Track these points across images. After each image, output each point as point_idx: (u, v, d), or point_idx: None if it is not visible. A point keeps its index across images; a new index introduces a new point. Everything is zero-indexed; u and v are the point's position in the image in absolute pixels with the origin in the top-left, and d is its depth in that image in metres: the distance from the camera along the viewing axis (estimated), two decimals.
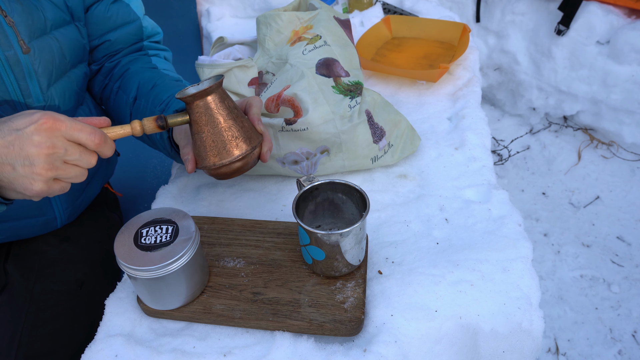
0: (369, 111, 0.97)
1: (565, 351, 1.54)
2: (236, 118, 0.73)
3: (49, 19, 0.81)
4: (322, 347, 0.72)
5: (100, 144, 0.63)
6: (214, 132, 0.71)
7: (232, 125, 0.72)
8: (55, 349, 0.87)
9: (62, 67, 0.85)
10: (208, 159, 0.72)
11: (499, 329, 0.74)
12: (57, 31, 0.83)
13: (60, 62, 0.84)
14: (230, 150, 0.71)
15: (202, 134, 0.71)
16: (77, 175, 0.63)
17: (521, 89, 2.33)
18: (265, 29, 1.07)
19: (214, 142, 0.71)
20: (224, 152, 0.71)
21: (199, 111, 0.71)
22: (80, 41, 0.89)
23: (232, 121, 0.72)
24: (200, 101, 0.70)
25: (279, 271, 0.80)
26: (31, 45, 0.78)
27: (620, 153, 2.16)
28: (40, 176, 0.59)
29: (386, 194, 0.96)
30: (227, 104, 0.72)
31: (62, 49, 0.84)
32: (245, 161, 0.74)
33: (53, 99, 0.84)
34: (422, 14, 1.59)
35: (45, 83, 0.82)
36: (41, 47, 0.80)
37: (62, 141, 0.60)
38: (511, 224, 0.87)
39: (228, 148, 0.71)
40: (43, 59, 0.80)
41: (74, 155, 0.61)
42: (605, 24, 2.02)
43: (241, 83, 0.98)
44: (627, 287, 1.70)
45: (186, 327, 0.77)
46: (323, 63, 0.97)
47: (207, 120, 0.71)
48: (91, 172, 1.00)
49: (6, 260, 0.95)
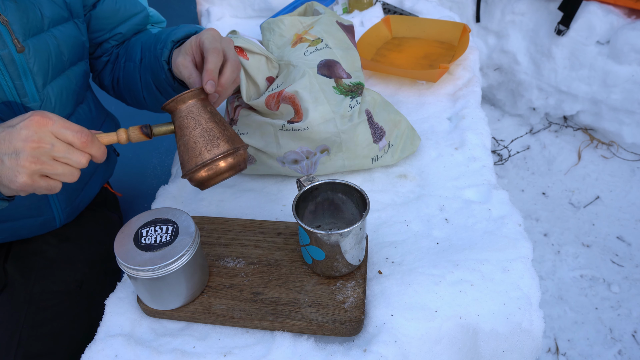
0: (369, 111, 0.97)
1: (565, 351, 1.54)
2: (218, 122, 0.73)
3: (46, 16, 0.81)
4: (322, 347, 0.72)
5: (87, 143, 0.63)
6: (195, 134, 0.71)
7: (213, 127, 0.72)
8: (54, 349, 0.87)
9: (60, 66, 0.85)
10: (190, 162, 0.72)
11: (499, 329, 0.74)
12: (55, 29, 0.83)
13: (58, 60, 0.84)
14: (211, 150, 0.71)
15: (184, 138, 0.72)
16: (65, 173, 0.63)
17: (521, 89, 2.33)
18: (269, 35, 1.08)
19: (195, 143, 0.71)
20: (205, 152, 0.71)
21: (181, 116, 0.72)
22: (80, 38, 0.88)
23: (214, 124, 0.72)
24: (183, 105, 0.72)
25: (279, 271, 0.80)
26: (26, 44, 0.78)
27: (620, 153, 2.16)
28: (25, 168, 0.60)
29: (386, 194, 0.96)
30: (208, 109, 0.73)
31: (59, 46, 0.84)
32: (227, 163, 0.72)
33: (49, 98, 0.84)
34: (422, 14, 1.59)
35: (41, 82, 0.81)
36: (37, 46, 0.80)
37: (49, 136, 0.61)
38: (511, 224, 0.87)
39: (209, 148, 0.71)
40: (39, 57, 0.80)
41: (61, 151, 0.61)
42: (605, 24, 2.02)
43: (260, 72, 0.98)
44: (627, 287, 1.70)
45: (186, 327, 0.77)
46: (324, 64, 0.97)
47: (189, 123, 0.72)
48: (89, 172, 1.00)
49: (6, 260, 0.95)
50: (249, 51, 0.95)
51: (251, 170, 1.02)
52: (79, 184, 0.97)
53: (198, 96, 0.72)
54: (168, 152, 1.50)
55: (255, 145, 0.97)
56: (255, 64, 0.96)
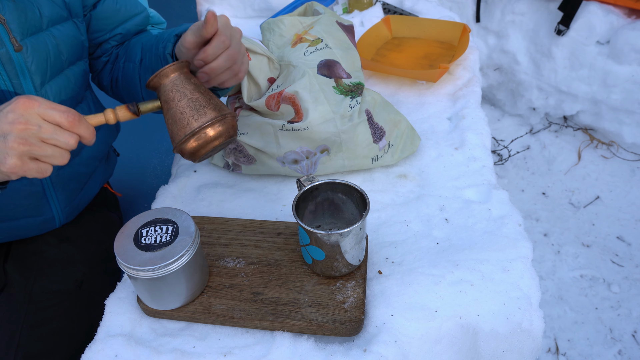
0: (369, 111, 0.97)
1: (565, 351, 1.54)
2: (203, 92, 0.73)
3: (45, 16, 0.81)
4: (322, 347, 0.72)
5: (74, 123, 0.63)
6: (181, 105, 0.71)
7: (199, 97, 0.72)
8: (54, 349, 0.87)
9: (59, 65, 0.85)
10: (178, 134, 0.71)
11: (499, 329, 0.74)
12: (54, 28, 0.83)
13: (56, 59, 0.84)
14: (199, 119, 0.71)
15: (171, 111, 0.71)
16: (55, 155, 0.63)
17: (521, 89, 2.33)
18: (269, 35, 1.08)
19: (182, 114, 0.71)
20: (192, 121, 0.70)
21: (165, 90, 0.72)
22: (79, 38, 0.88)
23: (199, 94, 0.72)
24: (167, 79, 0.71)
25: (279, 271, 0.80)
26: (24, 43, 0.78)
27: (620, 153, 2.16)
28: (13, 150, 0.60)
29: (386, 194, 0.96)
30: (192, 81, 0.73)
31: (58, 46, 0.83)
32: (216, 130, 0.71)
33: (48, 97, 0.83)
34: (422, 14, 1.59)
35: (39, 81, 0.81)
36: (35, 45, 0.79)
37: (35, 118, 0.61)
38: (511, 224, 0.87)
39: (196, 117, 0.71)
40: (37, 56, 0.80)
41: (48, 132, 0.61)
42: (605, 24, 2.02)
43: (262, 73, 0.98)
44: (627, 287, 1.70)
45: (186, 327, 0.77)
46: (324, 64, 0.97)
47: (174, 96, 0.71)
48: (89, 172, 1.00)
49: (5, 260, 0.95)
50: (252, 51, 0.95)
51: (251, 170, 1.02)
52: (78, 183, 0.97)
53: (181, 70, 0.72)
54: (168, 152, 1.50)
55: (255, 145, 0.97)
56: (258, 65, 0.96)
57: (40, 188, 0.89)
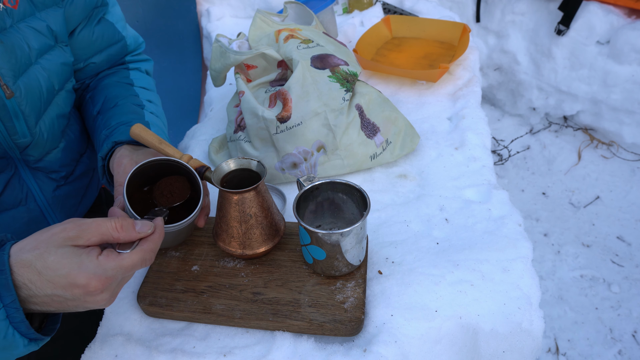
0: (359, 105, 0.98)
1: (565, 351, 1.54)
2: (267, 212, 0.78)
3: (34, 48, 0.78)
4: (322, 347, 0.72)
5: (135, 236, 0.62)
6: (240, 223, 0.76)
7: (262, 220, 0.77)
8: (54, 349, 0.87)
9: (50, 97, 0.83)
10: (232, 245, 0.78)
11: (499, 329, 0.74)
12: (42, 58, 0.81)
13: (49, 93, 0.82)
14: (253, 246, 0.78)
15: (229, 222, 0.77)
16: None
17: (521, 89, 2.33)
18: (253, 28, 1.11)
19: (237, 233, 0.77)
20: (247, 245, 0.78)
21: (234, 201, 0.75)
22: (67, 61, 0.87)
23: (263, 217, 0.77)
24: (239, 196, 0.75)
25: (279, 271, 0.80)
26: (17, 86, 0.75)
27: (620, 153, 2.16)
28: (105, 301, 0.60)
29: (386, 194, 0.96)
30: (266, 197, 0.78)
31: (50, 78, 0.82)
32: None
33: (42, 134, 0.82)
34: (422, 14, 1.59)
35: (33, 121, 0.80)
36: (28, 85, 0.77)
37: (115, 283, 0.60)
38: (511, 224, 0.87)
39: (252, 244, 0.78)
40: (30, 97, 0.78)
41: (128, 273, 0.61)
42: (605, 24, 2.02)
43: (271, 65, 1.00)
44: (627, 287, 1.70)
45: (186, 327, 0.77)
46: (317, 57, 0.98)
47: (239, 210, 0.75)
48: (85, 185, 0.99)
49: None
50: (251, 61, 1.00)
51: None
52: (75, 199, 0.96)
53: (260, 187, 0.77)
54: None
55: (256, 155, 1.00)
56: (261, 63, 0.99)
57: (39, 212, 0.89)
